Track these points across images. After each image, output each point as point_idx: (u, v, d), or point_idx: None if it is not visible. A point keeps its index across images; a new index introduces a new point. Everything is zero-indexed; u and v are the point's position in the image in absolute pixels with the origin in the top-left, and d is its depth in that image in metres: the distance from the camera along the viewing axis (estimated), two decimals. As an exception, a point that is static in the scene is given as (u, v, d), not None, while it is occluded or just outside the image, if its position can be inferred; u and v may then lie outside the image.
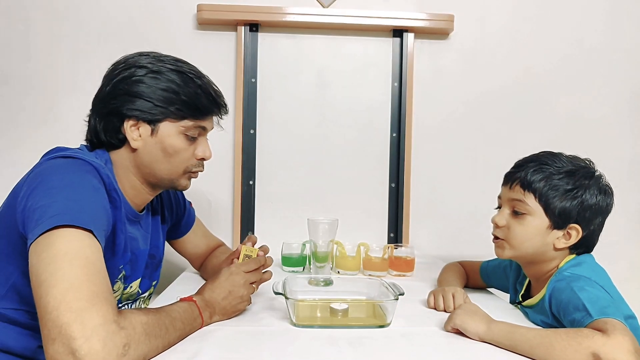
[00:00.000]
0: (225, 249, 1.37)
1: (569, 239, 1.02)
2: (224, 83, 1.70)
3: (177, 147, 0.99)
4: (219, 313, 0.94)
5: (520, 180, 1.05)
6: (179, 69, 0.99)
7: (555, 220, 1.02)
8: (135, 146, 0.98)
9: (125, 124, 0.97)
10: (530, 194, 1.03)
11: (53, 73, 1.70)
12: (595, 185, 1.02)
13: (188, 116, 0.99)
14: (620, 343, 0.75)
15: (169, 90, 0.97)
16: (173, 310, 0.83)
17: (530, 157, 1.09)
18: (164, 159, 0.99)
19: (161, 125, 0.98)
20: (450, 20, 1.73)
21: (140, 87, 0.96)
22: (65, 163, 0.88)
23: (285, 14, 1.68)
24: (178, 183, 1.04)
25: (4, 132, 1.70)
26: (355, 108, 1.78)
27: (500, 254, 1.09)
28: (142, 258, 1.07)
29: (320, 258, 1.35)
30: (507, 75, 1.81)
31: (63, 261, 0.70)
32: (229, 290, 0.95)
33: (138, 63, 0.98)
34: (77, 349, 0.63)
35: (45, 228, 0.73)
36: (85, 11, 1.70)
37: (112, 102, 0.97)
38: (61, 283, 0.67)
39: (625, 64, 1.84)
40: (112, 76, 0.99)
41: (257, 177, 1.74)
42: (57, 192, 0.79)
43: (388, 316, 0.95)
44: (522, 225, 1.04)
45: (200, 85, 1.00)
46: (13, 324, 0.89)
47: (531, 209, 1.03)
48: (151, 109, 0.96)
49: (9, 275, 0.88)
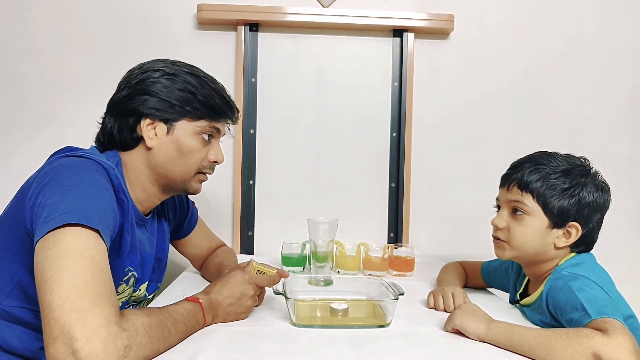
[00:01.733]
0: (226, 249, 1.38)
1: (569, 237, 1.03)
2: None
3: (192, 147, 1.01)
4: (221, 317, 0.93)
5: (517, 181, 1.05)
6: (194, 72, 1.02)
7: (554, 220, 1.02)
8: (151, 145, 0.99)
9: (142, 122, 0.98)
10: (528, 195, 1.03)
11: (53, 74, 1.70)
12: (592, 183, 1.03)
13: (204, 116, 1.01)
14: (621, 343, 0.75)
15: (185, 90, 0.99)
16: (176, 312, 0.82)
17: (525, 157, 1.09)
18: (178, 159, 1.00)
19: (177, 124, 0.99)
20: (450, 20, 1.73)
21: (157, 86, 0.98)
22: (76, 162, 0.88)
23: (285, 14, 1.69)
24: (190, 186, 1.05)
25: (5, 133, 1.70)
26: (355, 108, 1.78)
27: (501, 255, 1.09)
28: (149, 261, 1.07)
29: (320, 258, 1.36)
30: (506, 75, 1.81)
31: (69, 259, 0.70)
32: (237, 297, 0.94)
33: (154, 67, 1.01)
34: (78, 350, 0.63)
35: (53, 226, 0.73)
36: (86, 11, 1.70)
37: (129, 103, 0.99)
38: (66, 282, 0.68)
39: (624, 63, 1.84)
40: (128, 80, 1.01)
41: (257, 177, 1.75)
42: (67, 190, 0.79)
43: (388, 316, 0.95)
44: (522, 226, 1.04)
45: (215, 89, 1.03)
46: (17, 323, 0.89)
47: (530, 209, 1.03)
48: (168, 108, 0.98)
49: (14, 273, 0.88)
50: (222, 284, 0.95)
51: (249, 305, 0.97)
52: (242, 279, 0.97)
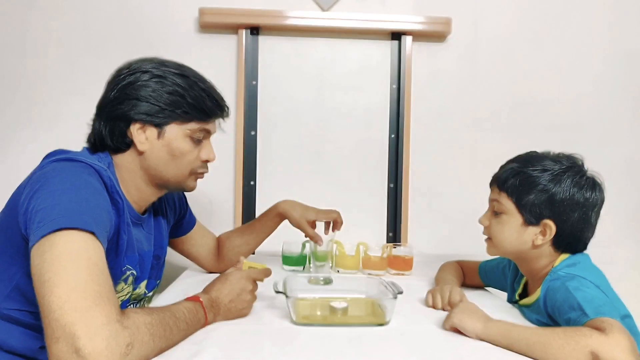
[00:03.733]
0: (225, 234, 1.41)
1: (545, 235, 1.02)
2: (225, 85, 1.71)
3: (183, 149, 1.01)
4: (223, 314, 0.94)
5: (497, 180, 1.07)
6: (183, 73, 1.01)
7: (527, 217, 1.02)
8: (142, 149, 0.99)
9: (132, 127, 0.98)
10: (504, 193, 1.05)
11: (55, 76, 1.71)
12: (569, 179, 1.01)
13: (194, 119, 1.01)
14: (618, 342, 0.75)
15: (175, 93, 0.98)
16: (178, 311, 0.83)
17: (514, 157, 1.11)
18: (170, 162, 1.01)
19: (167, 128, 0.99)
20: (447, 23, 1.74)
21: (147, 90, 0.97)
22: (67, 166, 0.88)
23: (286, 18, 1.70)
24: (185, 184, 1.06)
25: (4, 134, 1.71)
26: (355, 110, 1.79)
27: (488, 252, 1.12)
28: (147, 259, 1.08)
29: (320, 257, 1.37)
30: (504, 78, 1.82)
31: (66, 261, 0.70)
32: (237, 293, 0.96)
33: (142, 68, 0.99)
34: (81, 348, 0.63)
35: (47, 230, 0.73)
36: (88, 14, 1.71)
37: (118, 107, 0.98)
38: (66, 283, 0.68)
39: (623, 64, 1.84)
40: (116, 82, 1.00)
41: (258, 178, 1.76)
42: (59, 194, 0.80)
43: (387, 314, 0.96)
44: (500, 224, 1.06)
45: (204, 89, 1.02)
46: (16, 324, 0.89)
47: (505, 208, 1.05)
48: (158, 112, 0.98)
49: (12, 276, 0.88)
50: (221, 282, 0.96)
51: (249, 299, 0.98)
52: (240, 275, 0.98)
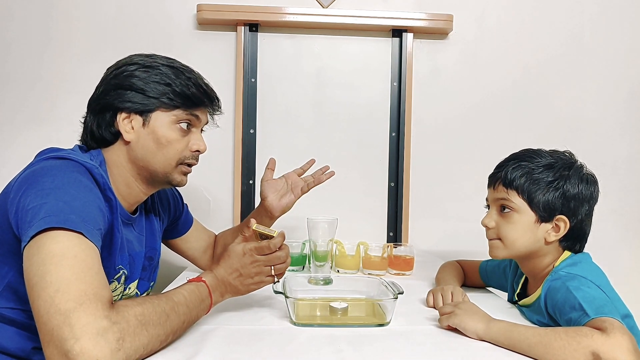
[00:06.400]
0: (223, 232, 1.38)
1: (558, 231, 1.03)
2: (224, 83, 1.70)
3: (170, 137, 0.99)
4: (231, 290, 0.94)
5: (502, 179, 1.06)
6: (170, 64, 1.01)
7: (541, 214, 1.02)
8: (128, 139, 0.98)
9: (118, 117, 0.97)
10: (513, 191, 1.04)
11: (51, 73, 1.71)
12: (575, 175, 1.03)
13: (180, 106, 0.99)
14: (620, 342, 0.75)
15: (160, 82, 0.98)
16: (177, 295, 0.82)
17: (509, 156, 1.10)
18: (157, 151, 0.99)
19: (153, 115, 0.98)
20: (449, 20, 1.73)
21: (132, 80, 0.97)
22: (58, 164, 0.88)
23: (285, 14, 1.69)
24: (172, 178, 1.02)
25: (4, 133, 1.71)
26: (355, 107, 1.78)
27: (496, 255, 1.09)
28: (138, 260, 1.06)
29: (319, 257, 1.36)
30: (505, 75, 1.81)
31: (51, 264, 0.70)
32: (237, 270, 0.94)
33: (130, 61, 1.00)
34: (69, 350, 0.63)
35: (35, 230, 0.73)
36: (85, 11, 1.70)
37: (105, 98, 0.98)
38: (50, 285, 0.68)
39: (624, 63, 1.84)
40: (105, 76, 1.01)
41: (257, 177, 1.75)
42: (48, 193, 0.79)
43: (387, 315, 0.95)
44: (511, 223, 1.05)
45: (190, 78, 1.01)
46: (10, 324, 0.89)
47: (516, 206, 1.04)
48: (143, 100, 0.97)
49: (4, 275, 0.88)
50: (224, 259, 0.95)
51: (254, 272, 0.95)
52: (241, 250, 0.95)
